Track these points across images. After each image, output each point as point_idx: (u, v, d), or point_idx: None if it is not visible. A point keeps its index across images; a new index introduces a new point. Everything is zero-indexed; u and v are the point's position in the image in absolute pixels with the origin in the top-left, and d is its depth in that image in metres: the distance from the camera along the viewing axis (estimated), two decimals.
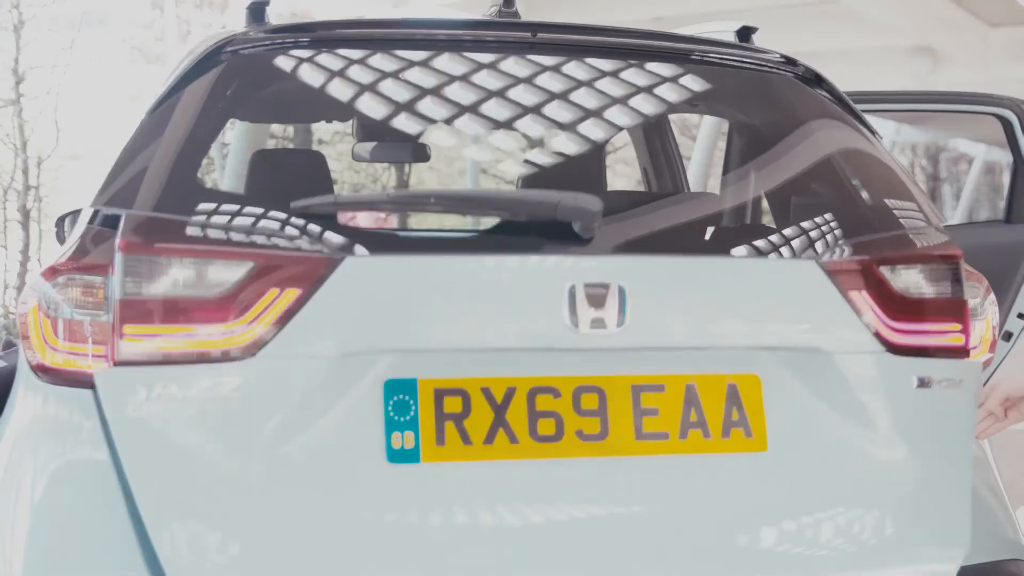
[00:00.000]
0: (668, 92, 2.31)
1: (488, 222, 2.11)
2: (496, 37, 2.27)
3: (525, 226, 2.03)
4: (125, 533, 1.83)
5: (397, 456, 1.85)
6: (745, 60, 2.38)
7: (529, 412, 1.91)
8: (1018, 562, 2.16)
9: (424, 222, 2.22)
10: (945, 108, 4.50)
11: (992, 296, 2.28)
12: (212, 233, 1.88)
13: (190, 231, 1.88)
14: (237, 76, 2.12)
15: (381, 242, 2.03)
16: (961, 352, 2.12)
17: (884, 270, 2.08)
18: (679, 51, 2.36)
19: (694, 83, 2.34)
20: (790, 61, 2.39)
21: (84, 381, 1.90)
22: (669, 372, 1.99)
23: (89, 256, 1.97)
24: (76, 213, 3.06)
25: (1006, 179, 4.42)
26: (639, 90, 2.27)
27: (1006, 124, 4.18)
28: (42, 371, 1.95)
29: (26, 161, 16.97)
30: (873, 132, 2.34)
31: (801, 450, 2.00)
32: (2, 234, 17.35)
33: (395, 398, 1.88)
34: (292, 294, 1.83)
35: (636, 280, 1.95)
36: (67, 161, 17.35)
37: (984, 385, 2.15)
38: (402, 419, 1.87)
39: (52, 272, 1.97)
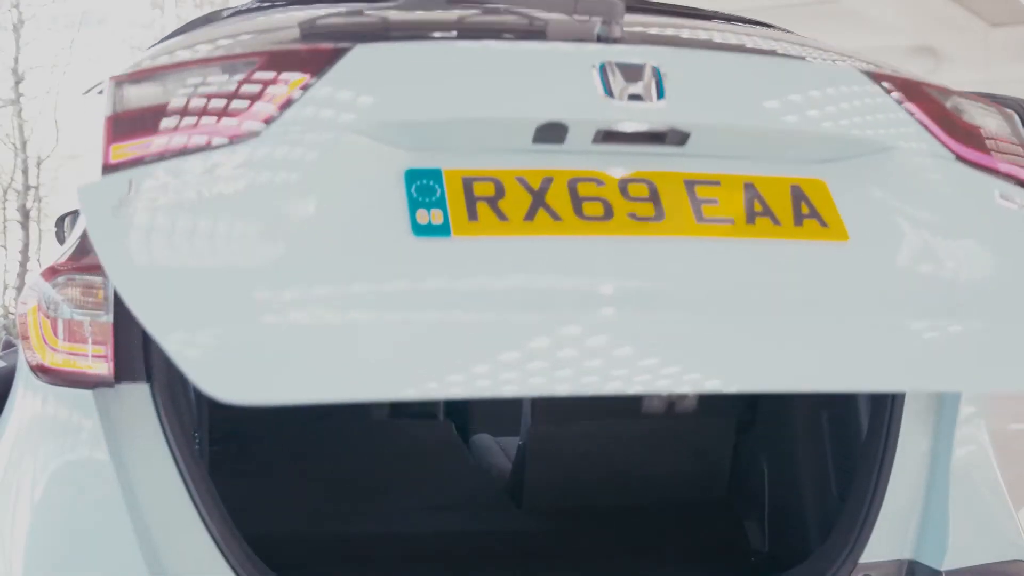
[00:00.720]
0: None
1: (508, 16, 1.97)
2: None
3: (547, 19, 1.90)
4: (125, 534, 1.83)
5: (424, 230, 1.66)
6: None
7: (572, 197, 1.71)
8: (1020, 563, 2.16)
9: (440, 18, 2.02)
10: None
11: None
12: (208, 53, 1.77)
13: (183, 57, 1.77)
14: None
15: (394, 31, 1.90)
16: None
17: (934, 92, 1.96)
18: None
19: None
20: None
21: (84, 382, 1.89)
22: (725, 172, 1.79)
23: (89, 256, 1.95)
24: (76, 213, 3.06)
25: None
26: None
27: None
28: (42, 371, 1.94)
29: (26, 161, 16.99)
30: None
31: (887, 244, 1.82)
32: (2, 234, 17.35)
33: (418, 183, 1.69)
34: (298, 81, 1.69)
35: (671, 64, 1.78)
36: (67, 161, 17.37)
37: None
38: (427, 199, 1.68)
39: (52, 272, 1.96)
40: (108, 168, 1.63)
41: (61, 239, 3.61)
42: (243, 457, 2.96)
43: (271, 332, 1.56)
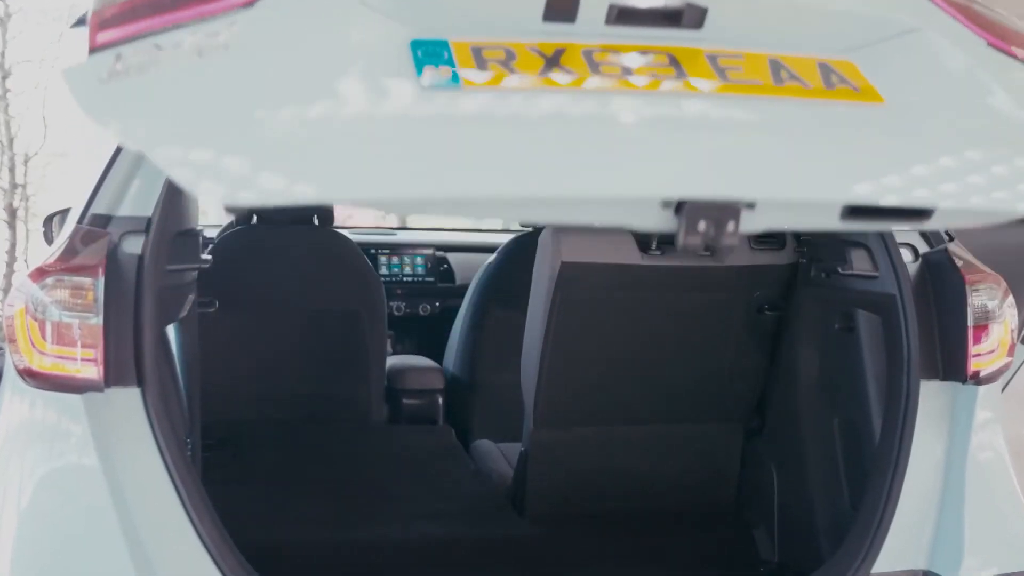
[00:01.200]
0: None
1: None
2: None
3: None
4: (114, 539, 1.83)
5: (432, 83, 1.61)
6: None
7: (589, 63, 1.66)
8: None
9: None
10: None
11: (1011, 298, 2.24)
12: None
13: None
14: None
15: None
16: None
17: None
18: None
19: None
20: None
21: (73, 386, 1.88)
22: (747, 50, 1.74)
23: (78, 257, 1.93)
24: (64, 212, 3.02)
25: None
26: None
27: None
28: (29, 375, 1.92)
29: (12, 158, 16.89)
30: None
31: (922, 108, 1.77)
32: None
33: (424, 49, 1.64)
34: None
35: None
36: (55, 159, 17.26)
37: (1004, 389, 2.11)
38: (434, 61, 1.63)
39: (40, 273, 1.93)
40: (95, 49, 1.59)
41: (49, 239, 3.58)
42: (237, 463, 2.94)
43: (265, 141, 1.52)
